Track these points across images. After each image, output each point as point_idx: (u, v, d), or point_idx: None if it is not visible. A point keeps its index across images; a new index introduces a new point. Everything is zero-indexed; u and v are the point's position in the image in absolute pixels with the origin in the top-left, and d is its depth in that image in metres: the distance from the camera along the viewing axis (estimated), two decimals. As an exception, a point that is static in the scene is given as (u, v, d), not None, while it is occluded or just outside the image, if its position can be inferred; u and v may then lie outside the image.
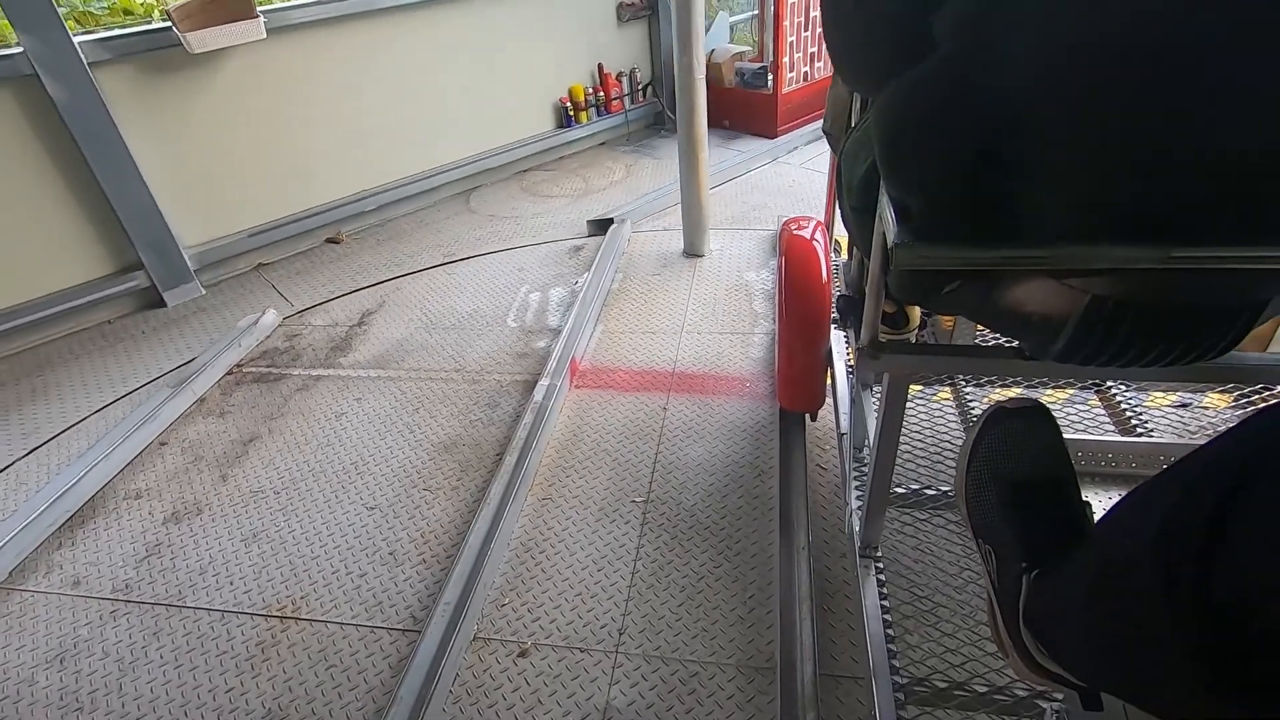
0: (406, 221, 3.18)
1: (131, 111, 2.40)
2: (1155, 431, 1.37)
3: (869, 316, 0.81)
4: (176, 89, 2.50)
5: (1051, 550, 0.65)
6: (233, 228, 2.78)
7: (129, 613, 1.45)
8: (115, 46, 2.32)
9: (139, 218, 2.47)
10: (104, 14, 3.07)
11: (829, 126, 1.15)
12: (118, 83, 2.37)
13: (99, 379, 2.24)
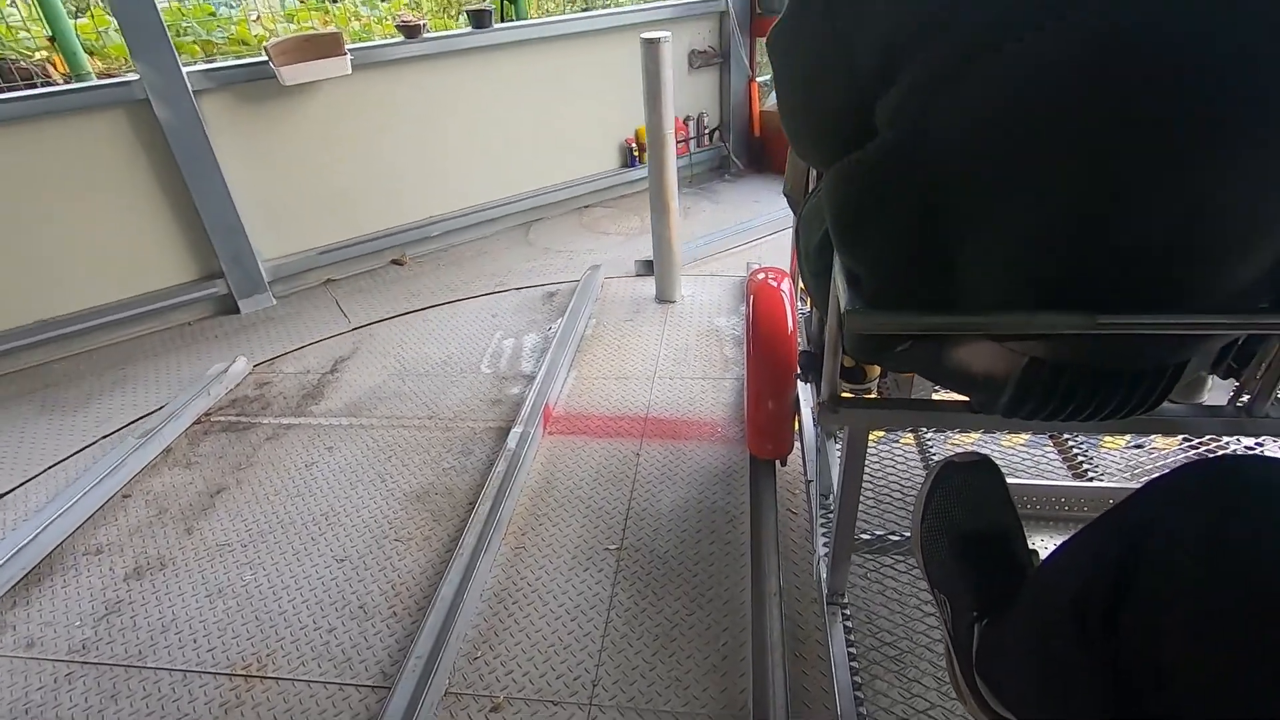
0: (468, 249, 3.28)
1: (226, 135, 2.65)
2: (1108, 474, 1.42)
3: (828, 373, 0.85)
4: (267, 116, 2.73)
5: (998, 599, 0.68)
6: (306, 245, 3.00)
7: (85, 674, 1.40)
8: (218, 76, 2.58)
9: (224, 231, 2.72)
10: (224, 43, 3.58)
11: (788, 190, 1.21)
12: (217, 108, 2.62)
13: (172, 376, 2.45)
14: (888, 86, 0.57)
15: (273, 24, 4.01)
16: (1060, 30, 0.46)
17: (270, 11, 4.15)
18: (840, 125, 0.65)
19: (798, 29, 0.68)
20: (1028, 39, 0.48)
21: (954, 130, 0.56)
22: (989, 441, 1.58)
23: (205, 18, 3.75)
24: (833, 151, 0.67)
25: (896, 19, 0.54)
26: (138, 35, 2.34)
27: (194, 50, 3.48)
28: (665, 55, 2.17)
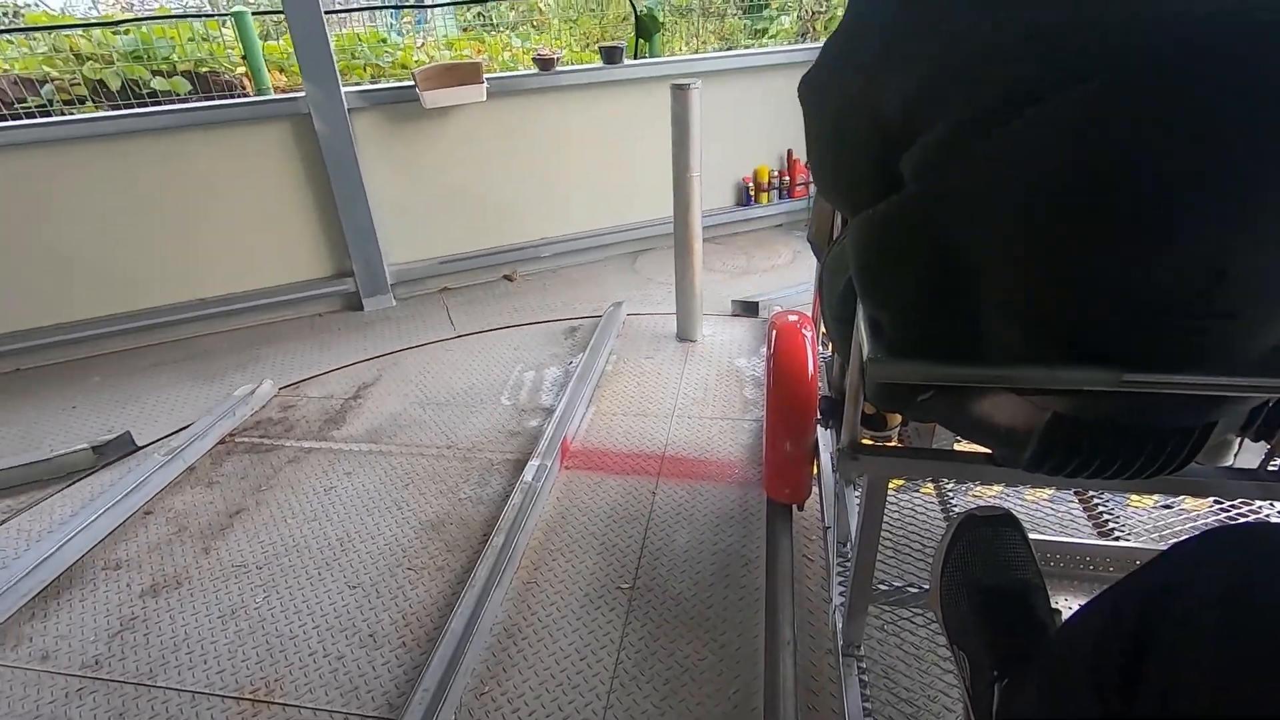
0: (575, 272, 3.38)
1: (371, 149, 2.96)
2: (1134, 534, 1.39)
3: (848, 420, 0.85)
4: (408, 135, 3.02)
5: (1019, 658, 0.67)
6: (428, 254, 3.25)
7: (96, 691, 1.41)
8: (370, 97, 2.90)
9: (358, 235, 3.02)
10: (389, 67, 3.97)
11: (812, 237, 1.23)
12: (366, 125, 2.93)
13: (296, 361, 2.72)
14: (910, 142, 0.59)
15: (435, 51, 4.35)
16: (1081, 94, 0.47)
17: (433, 40, 4.58)
18: (866, 176, 0.66)
19: (827, 80, 0.70)
20: (1047, 102, 0.49)
21: (974, 187, 0.57)
22: (1011, 495, 1.56)
23: (376, 44, 4.18)
24: (859, 201, 0.69)
25: (920, 76, 0.55)
26: (309, 59, 2.68)
27: (362, 73, 3.92)
28: (694, 101, 2.22)
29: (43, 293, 2.74)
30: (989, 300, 0.62)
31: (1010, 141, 0.52)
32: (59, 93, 3.42)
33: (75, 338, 2.82)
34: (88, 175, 2.65)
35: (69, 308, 2.80)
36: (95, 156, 2.64)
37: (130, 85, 3.48)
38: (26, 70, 3.54)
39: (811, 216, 1.23)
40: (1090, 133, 0.48)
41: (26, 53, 3.69)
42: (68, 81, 3.46)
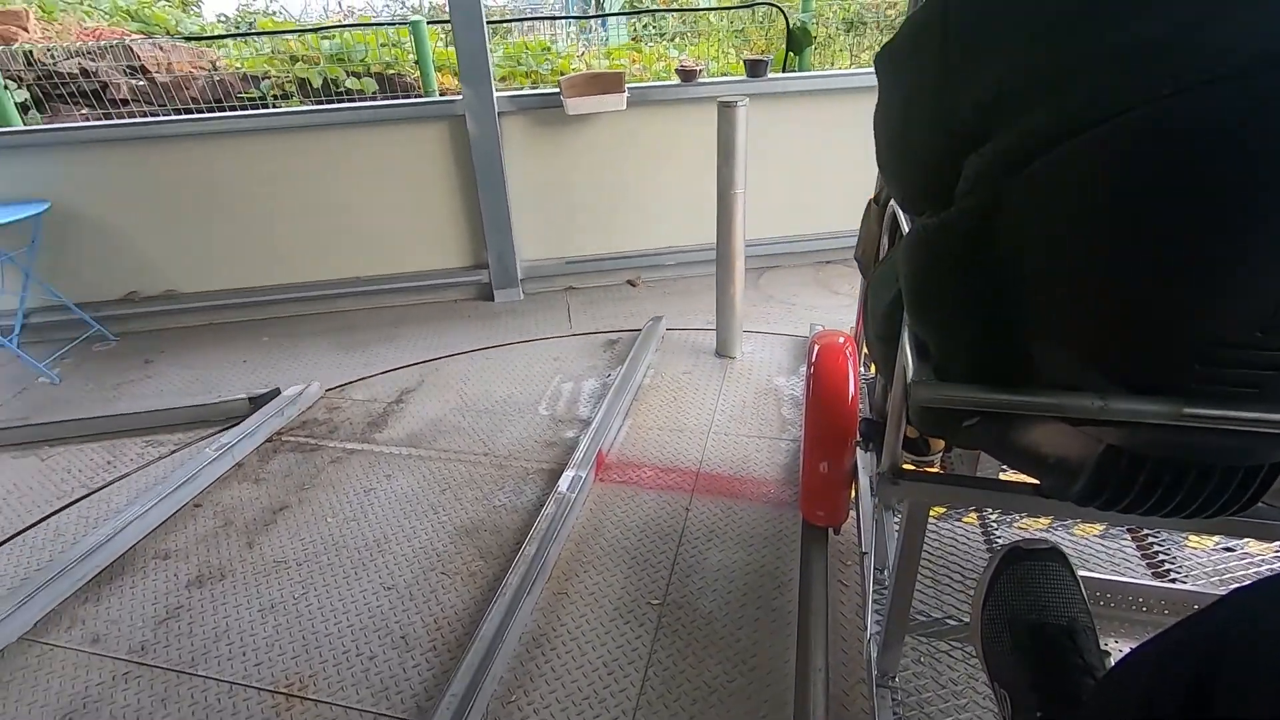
0: (696, 282, 3.38)
1: (515, 150, 3.14)
2: (1191, 576, 1.32)
3: (889, 443, 0.83)
4: (550, 139, 3.17)
5: (1064, 700, 0.64)
6: (558, 253, 3.39)
7: (140, 676, 1.46)
8: (519, 102, 3.09)
9: (496, 230, 3.21)
10: (548, 74, 4.25)
11: (859, 255, 1.21)
12: (513, 128, 3.11)
13: (429, 342, 2.94)
14: (979, 144, 0.57)
15: (593, 60, 4.59)
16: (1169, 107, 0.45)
17: (592, 50, 4.85)
18: (930, 168, 0.64)
19: (905, 59, 0.67)
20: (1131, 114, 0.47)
21: (1038, 201, 0.55)
22: (1059, 529, 1.50)
23: (540, 51, 4.49)
24: (915, 195, 0.67)
25: (1000, 78, 0.53)
26: (469, 66, 2.90)
27: (524, 79, 4.22)
28: (740, 120, 2.23)
29: (240, 259, 3.20)
30: (1043, 324, 0.60)
31: (1084, 155, 0.50)
32: (273, 88, 4.06)
33: (256, 301, 3.26)
34: (283, 160, 3.04)
35: (256, 274, 3.25)
36: (292, 144, 3.03)
37: (329, 83, 4.03)
38: (251, 68, 4.25)
39: (859, 234, 1.22)
40: (1172, 150, 0.46)
41: (252, 54, 4.41)
42: (281, 79, 4.04)
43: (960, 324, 0.66)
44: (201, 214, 3.09)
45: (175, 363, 2.92)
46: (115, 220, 3.06)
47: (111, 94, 3.95)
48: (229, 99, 3.92)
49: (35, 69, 3.85)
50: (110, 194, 3.01)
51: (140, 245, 3.13)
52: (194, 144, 2.98)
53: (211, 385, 2.70)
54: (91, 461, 2.24)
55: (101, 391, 2.71)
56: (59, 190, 2.94)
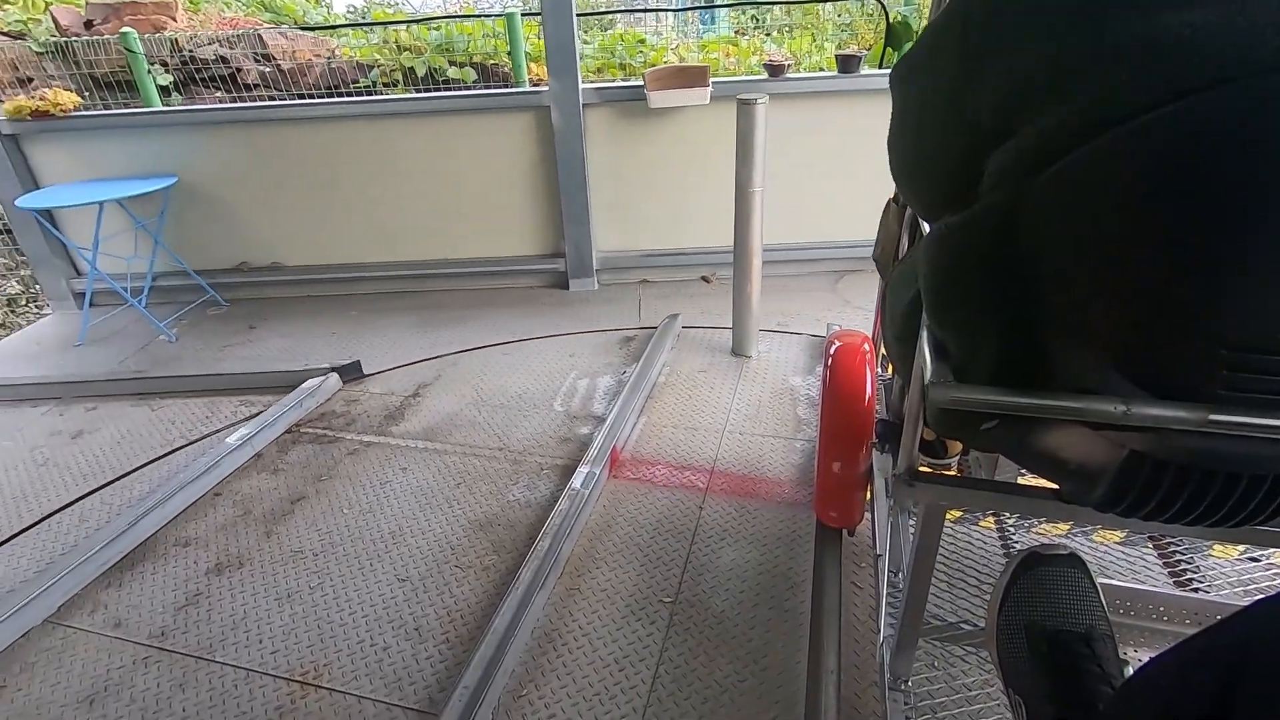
0: (771, 283, 3.21)
1: (597, 142, 3.17)
2: (1214, 586, 1.30)
3: (906, 445, 0.83)
4: (632, 132, 3.17)
5: (1080, 709, 0.63)
6: (633, 246, 3.40)
7: (160, 661, 1.48)
8: (603, 94, 3.10)
9: (574, 220, 3.25)
10: (640, 67, 4.33)
11: (877, 255, 1.20)
12: (596, 120, 3.14)
13: (501, 326, 3.03)
14: (1002, 141, 0.56)
15: (686, 53, 4.66)
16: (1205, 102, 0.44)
17: (687, 42, 4.92)
18: (947, 170, 0.63)
19: (923, 65, 0.67)
20: (1155, 115, 0.46)
21: (1062, 199, 0.54)
22: (1079, 535, 1.48)
23: (635, 44, 4.55)
24: (935, 198, 0.66)
25: (1024, 73, 0.52)
26: (556, 58, 2.95)
27: (616, 71, 4.32)
28: (759, 117, 2.22)
29: (338, 237, 3.39)
30: (1065, 324, 0.59)
31: (1111, 153, 0.49)
32: (381, 76, 4.26)
33: (348, 277, 3.46)
34: (381, 145, 3.20)
35: (350, 252, 3.45)
36: (389, 130, 3.18)
37: (432, 73, 4.23)
38: (364, 57, 4.50)
39: (878, 235, 1.21)
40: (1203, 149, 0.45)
41: (364, 43, 4.68)
42: (388, 68, 4.27)
43: (980, 324, 0.65)
44: (307, 193, 3.30)
45: (274, 330, 3.16)
46: (232, 195, 3.34)
47: (242, 79, 4.41)
48: (342, 86, 4.26)
49: (179, 55, 4.34)
50: (229, 171, 3.29)
51: (252, 219, 3.40)
52: (304, 127, 3.19)
53: (302, 354, 2.90)
54: (192, 415, 2.47)
55: (209, 352, 2.99)
56: (185, 166, 3.26)
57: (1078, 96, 0.49)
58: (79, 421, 2.48)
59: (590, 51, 4.58)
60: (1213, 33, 0.43)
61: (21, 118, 3.11)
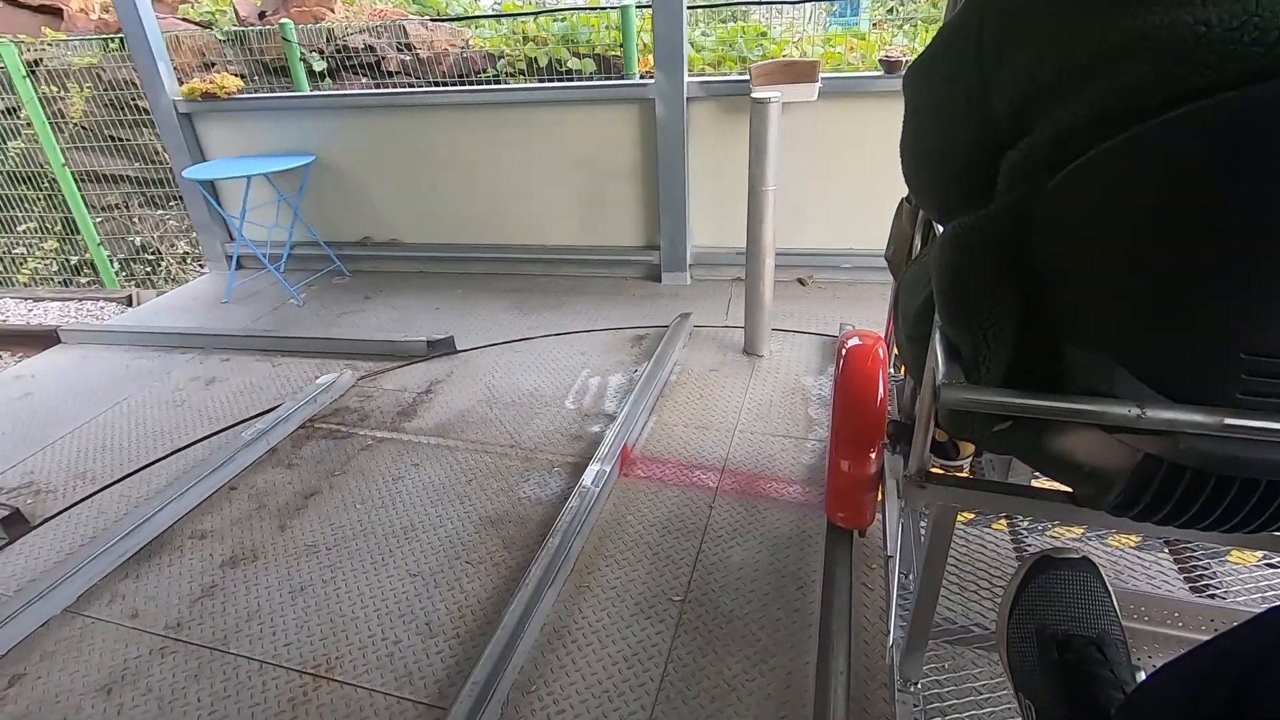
0: (871, 289, 3.21)
1: (698, 136, 3.17)
2: (1231, 592, 1.28)
3: (918, 446, 0.82)
4: (734, 127, 3.09)
5: (1091, 713, 0.62)
6: (729, 243, 3.32)
7: (176, 651, 1.51)
8: (708, 88, 3.09)
9: (671, 213, 3.26)
10: (758, 60, 4.25)
11: (890, 255, 1.19)
12: (700, 114, 3.14)
13: (592, 314, 3.09)
14: (1018, 139, 0.55)
15: (808, 46, 4.63)
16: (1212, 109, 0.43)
17: (808, 35, 4.91)
18: (965, 172, 0.62)
19: (940, 62, 0.66)
20: (1174, 114, 0.45)
21: (1079, 200, 0.54)
22: (1093, 539, 1.46)
23: (755, 36, 4.52)
24: (949, 201, 0.65)
25: (1039, 71, 0.51)
26: (664, 49, 2.96)
27: (734, 64, 4.28)
28: (773, 116, 2.21)
29: (451, 218, 3.59)
30: (1081, 326, 0.59)
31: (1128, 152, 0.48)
32: (507, 66, 4.53)
33: (458, 256, 3.66)
34: (496, 132, 3.35)
35: (462, 232, 3.65)
36: (506, 118, 3.33)
37: (554, 63, 4.37)
38: (492, 47, 4.73)
39: (890, 235, 1.20)
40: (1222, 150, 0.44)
41: (493, 34, 4.91)
42: (513, 58, 4.46)
43: (993, 325, 0.65)
44: (426, 175, 3.50)
45: (386, 302, 3.40)
46: (361, 174, 3.63)
47: (384, 67, 4.74)
48: (471, 75, 4.55)
49: (334, 44, 4.75)
50: (359, 151, 3.57)
51: (377, 197, 3.67)
52: (427, 114, 3.41)
53: (406, 325, 3.09)
54: (304, 374, 2.72)
55: (329, 317, 3.27)
56: (322, 146, 3.58)
57: (1094, 94, 0.48)
58: (214, 370, 2.83)
59: (710, 44, 4.54)
60: (1228, 32, 0.42)
61: (194, 98, 3.55)
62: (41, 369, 2.97)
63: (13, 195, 5.20)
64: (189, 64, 4.74)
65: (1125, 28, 0.45)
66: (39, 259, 5.36)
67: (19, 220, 5.25)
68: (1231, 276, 0.50)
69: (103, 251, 5.15)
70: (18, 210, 5.24)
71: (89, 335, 3.19)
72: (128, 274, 5.37)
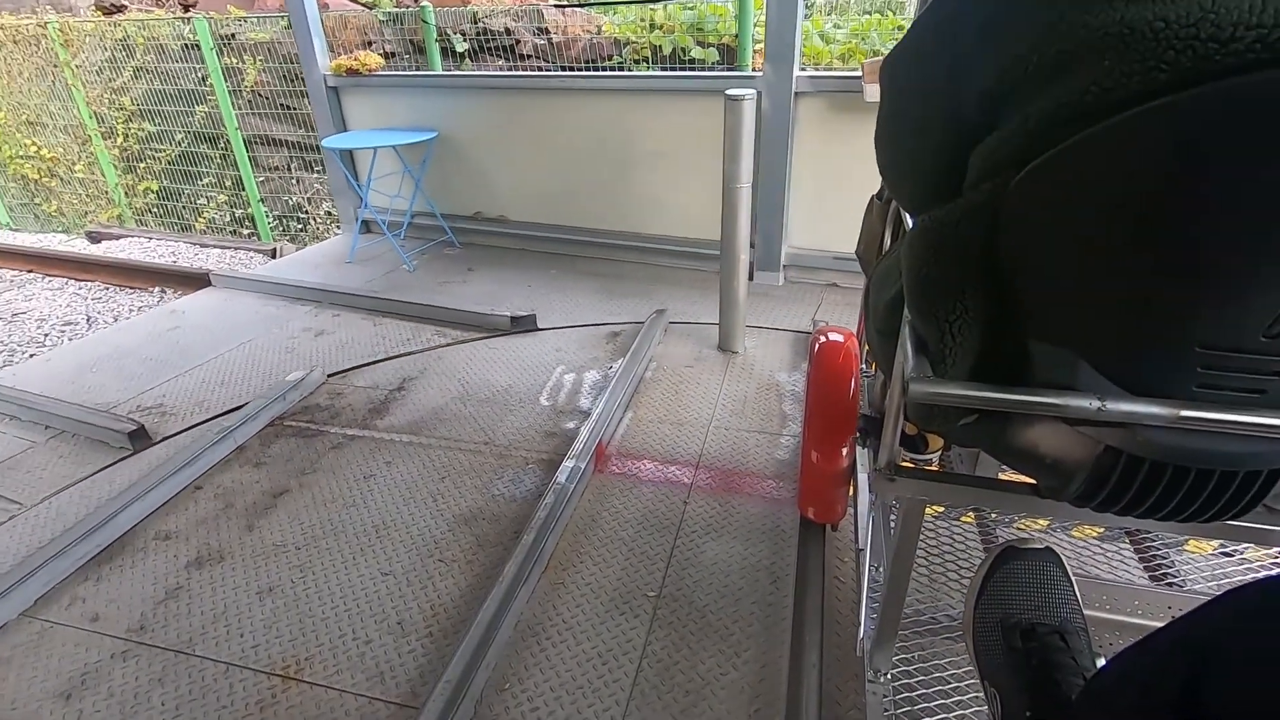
0: None
1: (803, 132, 3.09)
2: (1189, 580, 1.32)
3: (887, 440, 0.83)
4: (841, 125, 3.04)
5: (1054, 701, 0.64)
6: (824, 246, 3.29)
7: (139, 655, 1.47)
8: (817, 83, 2.99)
9: (768, 211, 3.19)
10: None
11: (861, 251, 1.21)
12: (806, 110, 3.05)
13: (676, 308, 3.03)
14: (986, 133, 0.56)
15: None
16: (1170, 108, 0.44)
17: None
18: (934, 165, 0.63)
19: (911, 59, 0.67)
20: (1132, 112, 0.46)
21: (1041, 195, 0.54)
22: (1058, 530, 1.50)
23: (891, 29, 4.40)
24: (924, 194, 0.66)
25: (1008, 66, 0.51)
26: (775, 41, 2.90)
27: (863, 56, 4.18)
28: (746, 113, 2.22)
29: (556, 199, 3.63)
30: (1043, 321, 0.60)
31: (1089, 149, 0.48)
32: (632, 53, 4.58)
33: (557, 237, 3.73)
34: (608, 118, 3.38)
35: (563, 214, 3.71)
36: (618, 105, 3.36)
37: (677, 51, 4.36)
38: (620, 34, 4.75)
39: (861, 231, 1.21)
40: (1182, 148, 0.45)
41: (623, 21, 4.90)
42: (639, 45, 4.48)
43: (960, 319, 0.65)
44: (536, 156, 3.57)
45: (486, 275, 3.57)
46: (477, 151, 3.79)
47: (519, 50, 4.90)
48: (598, 60, 4.61)
49: (476, 25, 4.95)
50: (477, 130, 3.73)
51: (490, 174, 3.81)
52: (544, 96, 3.48)
53: (499, 300, 3.20)
54: (399, 336, 2.92)
55: (433, 285, 3.46)
56: (446, 122, 3.76)
57: (1059, 90, 0.49)
58: (326, 323, 3.09)
59: (841, 36, 4.47)
60: (1185, 29, 0.43)
61: (340, 73, 3.84)
62: (191, 306, 3.41)
63: (197, 153, 6.06)
64: (352, 41, 5.07)
65: (1089, 24, 0.46)
66: (213, 210, 6.19)
67: (201, 175, 6.10)
68: (1185, 272, 0.51)
69: (261, 207, 5.86)
70: (200, 166, 6.09)
71: (233, 281, 3.61)
72: (282, 229, 6.01)
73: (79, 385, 2.66)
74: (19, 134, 6.78)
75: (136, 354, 2.90)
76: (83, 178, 6.64)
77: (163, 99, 5.98)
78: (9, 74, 6.54)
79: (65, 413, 2.38)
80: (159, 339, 3.04)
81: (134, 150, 6.29)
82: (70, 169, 6.66)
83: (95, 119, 6.29)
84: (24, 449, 2.30)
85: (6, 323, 4.25)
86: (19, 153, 6.85)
